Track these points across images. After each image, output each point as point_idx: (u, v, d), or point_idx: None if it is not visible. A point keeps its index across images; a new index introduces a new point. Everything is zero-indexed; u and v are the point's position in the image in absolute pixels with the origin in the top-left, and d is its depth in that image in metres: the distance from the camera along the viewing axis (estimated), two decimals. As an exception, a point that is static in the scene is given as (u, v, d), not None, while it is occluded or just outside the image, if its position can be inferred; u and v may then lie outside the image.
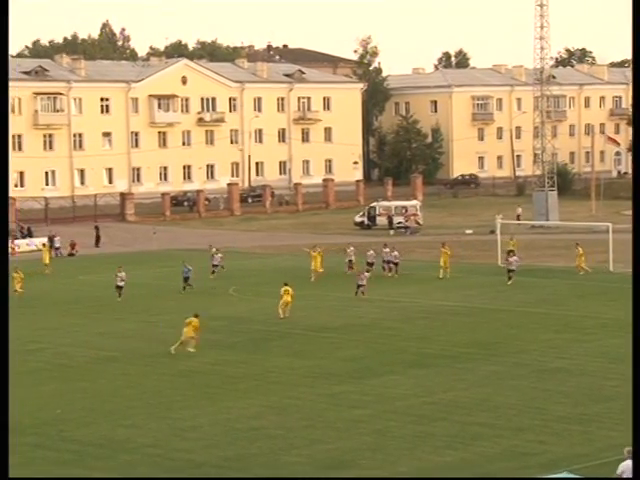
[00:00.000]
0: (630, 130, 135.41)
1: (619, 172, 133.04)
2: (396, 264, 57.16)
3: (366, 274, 51.50)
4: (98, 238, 77.91)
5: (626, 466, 22.08)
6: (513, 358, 36.92)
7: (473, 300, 49.64)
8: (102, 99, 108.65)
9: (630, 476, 21.97)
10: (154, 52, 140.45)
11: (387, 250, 58.23)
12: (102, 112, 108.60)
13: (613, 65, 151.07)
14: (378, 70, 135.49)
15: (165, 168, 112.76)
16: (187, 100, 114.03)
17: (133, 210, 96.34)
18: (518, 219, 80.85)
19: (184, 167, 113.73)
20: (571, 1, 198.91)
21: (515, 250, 59.41)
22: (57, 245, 71.74)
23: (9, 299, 28.60)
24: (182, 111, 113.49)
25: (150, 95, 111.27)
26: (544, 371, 34.99)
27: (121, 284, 51.37)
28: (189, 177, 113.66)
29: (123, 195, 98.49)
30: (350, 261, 58.48)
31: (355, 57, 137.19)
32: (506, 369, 35.35)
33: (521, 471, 23.75)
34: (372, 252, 57.62)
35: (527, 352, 37.81)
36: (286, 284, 45.89)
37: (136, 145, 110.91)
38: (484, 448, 26.87)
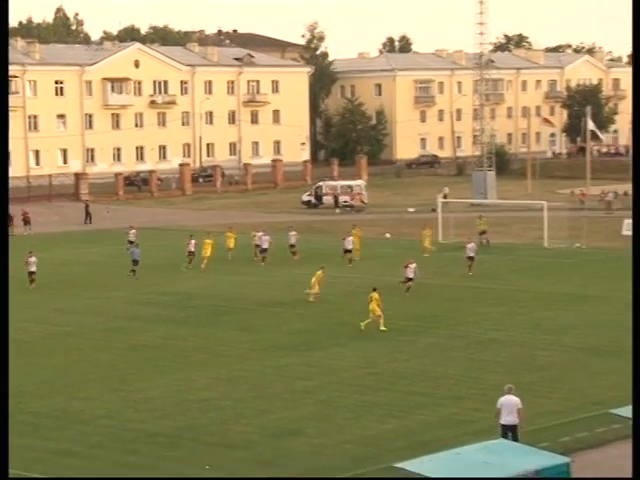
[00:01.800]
0: (564, 112, 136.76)
1: (554, 153, 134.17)
2: (349, 251, 53.17)
3: (414, 265, 44.95)
4: (88, 215, 77.58)
5: (504, 400, 23.53)
6: (451, 330, 37.26)
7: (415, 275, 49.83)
8: (56, 82, 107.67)
9: (509, 410, 23.38)
10: (107, 36, 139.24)
11: (293, 233, 55.60)
12: (56, 94, 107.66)
13: (548, 50, 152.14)
14: (324, 54, 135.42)
15: (118, 149, 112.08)
16: (140, 83, 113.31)
17: (87, 190, 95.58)
18: (445, 198, 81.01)
19: (137, 148, 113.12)
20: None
21: (486, 229, 59.68)
22: None
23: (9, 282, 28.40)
24: (135, 94, 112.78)
25: (103, 78, 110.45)
26: (480, 342, 35.35)
27: (33, 269, 48.21)
28: (142, 158, 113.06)
29: (77, 175, 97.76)
30: (347, 250, 53.42)
31: (302, 42, 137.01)
32: (445, 341, 35.66)
33: (459, 438, 24.00)
34: (268, 237, 54.90)
35: (464, 324, 38.18)
36: (322, 267, 44.10)
37: (90, 127, 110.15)
38: (424, 416, 27.15)
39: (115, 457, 24.46)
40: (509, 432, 23.53)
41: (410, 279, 44.30)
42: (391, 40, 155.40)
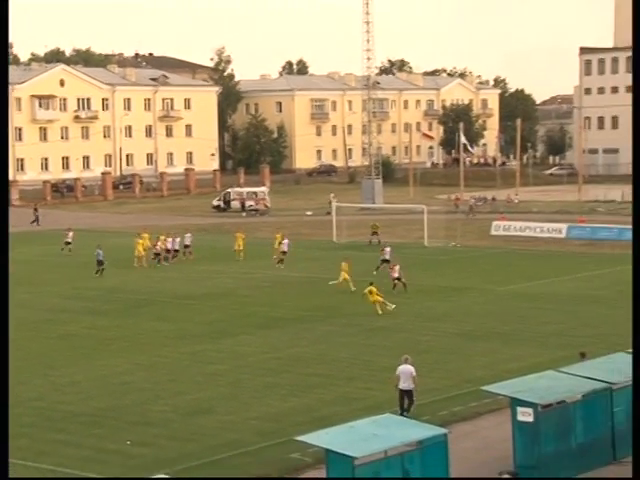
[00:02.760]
0: (441, 128, 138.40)
1: (432, 163, 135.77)
2: (284, 253, 51.21)
3: (398, 266, 43.13)
4: (36, 218, 75.92)
5: (402, 369, 24.59)
6: (345, 319, 37.37)
7: (312, 271, 49.97)
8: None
9: (405, 377, 24.32)
10: (35, 58, 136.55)
11: (188, 235, 54.45)
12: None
13: (426, 74, 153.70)
14: (231, 76, 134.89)
15: (46, 159, 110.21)
16: (65, 100, 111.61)
17: (18, 196, 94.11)
18: (330, 204, 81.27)
19: (63, 158, 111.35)
20: (392, 20, 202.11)
21: (378, 231, 60.03)
22: None
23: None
24: (60, 109, 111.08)
25: (32, 95, 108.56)
26: (370, 330, 35.54)
27: None
28: (67, 167, 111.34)
29: (9, 183, 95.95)
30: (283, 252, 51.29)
31: (211, 64, 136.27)
32: (339, 328, 35.76)
33: (352, 413, 24.11)
34: (190, 235, 54.65)
35: (357, 314, 38.27)
36: (346, 258, 44.24)
37: (20, 139, 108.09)
38: (321, 395, 27.22)
39: (44, 435, 24.05)
40: (405, 396, 24.32)
41: (398, 279, 42.41)
42: (290, 63, 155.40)
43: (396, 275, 42.72)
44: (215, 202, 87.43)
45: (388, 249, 48.70)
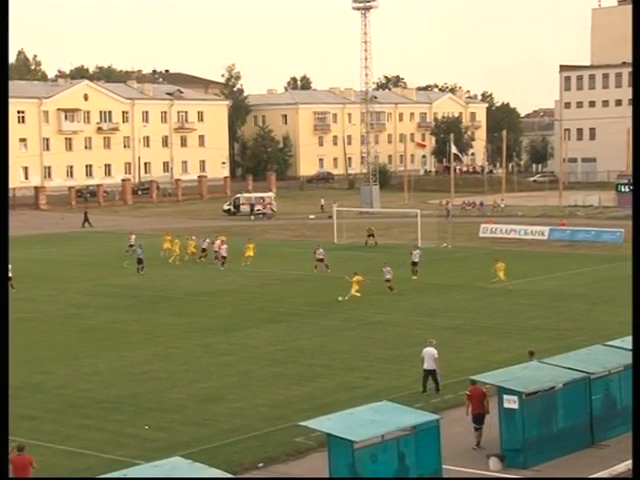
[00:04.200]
0: (433, 138, 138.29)
1: (425, 171, 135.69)
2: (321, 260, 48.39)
3: (388, 268, 41.97)
4: (87, 220, 75.60)
5: (426, 351, 25.30)
6: (345, 314, 37.29)
7: (315, 270, 49.74)
8: (19, 112, 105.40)
9: (428, 358, 24.99)
10: (61, 74, 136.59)
11: (208, 240, 53.34)
12: (19, 122, 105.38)
13: (420, 89, 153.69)
14: (240, 90, 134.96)
15: (71, 167, 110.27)
16: (88, 113, 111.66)
17: (45, 200, 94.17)
18: (322, 208, 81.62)
19: (86, 166, 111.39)
20: (388, 40, 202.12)
21: (374, 233, 59.86)
22: None
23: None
24: (84, 122, 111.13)
25: (58, 109, 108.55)
26: (369, 324, 35.47)
27: None
28: (91, 174, 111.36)
29: (37, 189, 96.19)
30: (320, 259, 48.55)
31: (222, 80, 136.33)
32: (340, 323, 35.70)
33: (351, 401, 24.04)
34: (226, 246, 51.95)
35: (356, 309, 38.24)
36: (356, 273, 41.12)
37: (47, 148, 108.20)
38: (323, 384, 27.15)
39: (69, 420, 23.99)
40: (430, 374, 25.19)
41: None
42: (294, 79, 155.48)
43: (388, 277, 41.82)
44: (226, 206, 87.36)
45: (417, 252, 46.68)
